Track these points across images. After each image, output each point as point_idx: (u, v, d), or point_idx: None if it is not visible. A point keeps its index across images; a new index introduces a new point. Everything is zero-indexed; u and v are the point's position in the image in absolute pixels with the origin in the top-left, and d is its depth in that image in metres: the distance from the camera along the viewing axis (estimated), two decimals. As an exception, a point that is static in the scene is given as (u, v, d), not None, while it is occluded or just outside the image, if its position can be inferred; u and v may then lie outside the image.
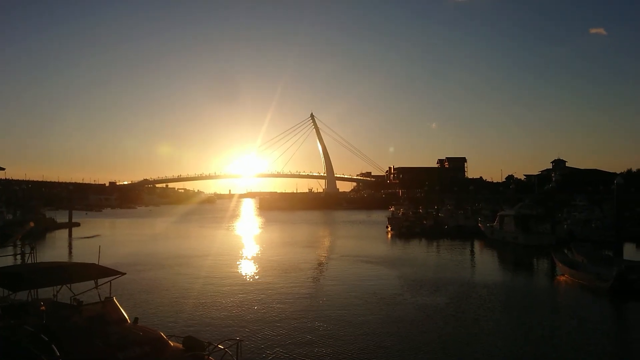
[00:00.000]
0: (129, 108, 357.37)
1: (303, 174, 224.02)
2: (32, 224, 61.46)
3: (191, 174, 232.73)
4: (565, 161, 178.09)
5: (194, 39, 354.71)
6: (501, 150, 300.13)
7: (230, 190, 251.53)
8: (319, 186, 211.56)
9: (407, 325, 17.51)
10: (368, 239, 53.55)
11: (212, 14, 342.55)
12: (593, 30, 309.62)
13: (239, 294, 23.22)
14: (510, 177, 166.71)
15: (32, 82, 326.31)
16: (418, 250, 43.43)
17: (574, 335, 17.05)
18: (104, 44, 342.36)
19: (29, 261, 14.50)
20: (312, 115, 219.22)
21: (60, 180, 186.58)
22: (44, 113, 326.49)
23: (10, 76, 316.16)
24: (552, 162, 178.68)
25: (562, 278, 27.78)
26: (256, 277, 28.58)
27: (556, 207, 57.67)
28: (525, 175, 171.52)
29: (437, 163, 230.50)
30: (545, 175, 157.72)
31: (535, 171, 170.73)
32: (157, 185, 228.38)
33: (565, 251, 32.11)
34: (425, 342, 15.64)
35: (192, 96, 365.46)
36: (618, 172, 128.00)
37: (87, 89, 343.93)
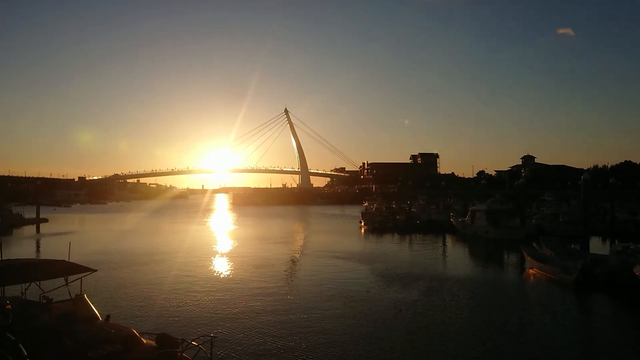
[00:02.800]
0: (100, 101, 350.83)
1: (277, 169, 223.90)
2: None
3: (163, 168, 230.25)
4: (535, 157, 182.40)
5: (165, 33, 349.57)
6: (472, 146, 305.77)
7: (203, 186, 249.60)
8: (293, 181, 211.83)
9: (375, 323, 17.50)
10: (341, 234, 53.79)
11: (184, 8, 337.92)
12: (561, 31, 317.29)
13: (212, 290, 23.09)
14: (481, 173, 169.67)
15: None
16: (390, 245, 43.83)
17: (539, 327, 17.48)
18: (74, 36, 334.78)
19: (-5, 258, 14.11)
20: (286, 111, 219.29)
21: (27, 175, 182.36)
22: (9, 105, 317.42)
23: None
24: (521, 158, 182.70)
25: (531, 271, 28.44)
26: (229, 274, 28.44)
27: (526, 202, 58.93)
28: (495, 170, 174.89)
29: (410, 159, 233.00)
30: (515, 171, 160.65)
31: (505, 167, 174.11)
32: (128, 181, 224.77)
33: (534, 245, 32.85)
34: (393, 339, 15.68)
35: (165, 91, 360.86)
36: (585, 168, 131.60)
37: (56, 81, 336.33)
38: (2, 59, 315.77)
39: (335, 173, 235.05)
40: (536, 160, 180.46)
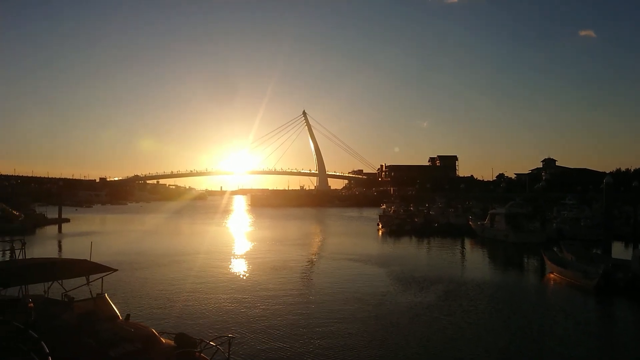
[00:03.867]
0: (120, 104, 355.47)
1: (295, 171, 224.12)
2: (21, 215, 61.03)
3: (182, 170, 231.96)
4: (556, 160, 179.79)
5: (185, 37, 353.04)
6: (492, 149, 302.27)
7: (221, 187, 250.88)
8: (310, 183, 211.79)
9: (391, 327, 17.33)
10: (359, 237, 53.70)
11: (203, 11, 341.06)
12: (583, 33, 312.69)
13: (231, 291, 23.24)
14: (501, 176, 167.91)
15: (22, 76, 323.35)
16: (408, 248, 43.61)
17: (560, 333, 17.24)
18: (96, 39, 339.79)
19: (20, 257, 14.42)
20: (304, 113, 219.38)
21: (50, 176, 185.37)
22: (34, 108, 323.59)
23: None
24: (542, 161, 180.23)
25: (552, 276, 28.05)
26: (247, 275, 28.60)
27: (546, 206, 58.19)
28: (515, 174, 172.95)
29: (429, 161, 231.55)
30: (535, 174, 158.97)
31: (525, 170, 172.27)
32: (147, 182, 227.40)
33: (555, 249, 32.38)
34: (409, 344, 15.52)
35: (184, 93, 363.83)
36: (607, 171, 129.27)
37: (78, 84, 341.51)
38: (26, 61, 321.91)
39: (353, 175, 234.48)
40: (557, 164, 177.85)
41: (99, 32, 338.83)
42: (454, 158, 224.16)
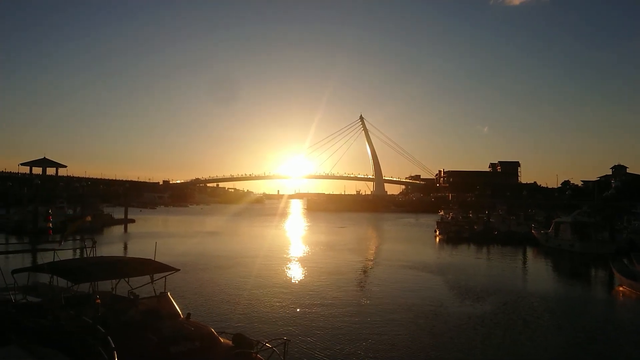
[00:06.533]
0: (183, 110, 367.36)
1: (351, 176, 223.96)
2: (89, 218, 64.18)
3: (241, 173, 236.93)
4: (626, 167, 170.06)
5: (243, 41, 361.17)
6: (557, 155, 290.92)
7: (278, 191, 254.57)
8: (367, 188, 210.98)
9: (445, 339, 16.80)
10: (415, 243, 52.96)
11: (262, 16, 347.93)
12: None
13: (288, 295, 23.49)
14: (566, 183, 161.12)
15: (92, 83, 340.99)
16: (466, 256, 42.56)
17: (630, 353, 16.30)
18: (157, 41, 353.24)
19: (90, 255, 15.15)
20: (361, 117, 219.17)
21: (117, 178, 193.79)
22: (103, 113, 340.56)
23: (70, 78, 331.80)
24: (611, 168, 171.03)
25: (621, 289, 26.63)
26: (303, 279, 28.82)
27: (616, 215, 55.33)
28: (582, 181, 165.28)
29: (489, 167, 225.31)
30: (604, 181, 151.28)
31: (593, 177, 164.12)
32: (208, 185, 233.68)
33: (625, 261, 30.75)
34: (463, 357, 15.09)
35: (243, 97, 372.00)
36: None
37: (143, 89, 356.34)
38: (94, 73, 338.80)
39: (410, 181, 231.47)
40: (628, 171, 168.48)
41: (160, 35, 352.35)
42: (516, 164, 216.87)
